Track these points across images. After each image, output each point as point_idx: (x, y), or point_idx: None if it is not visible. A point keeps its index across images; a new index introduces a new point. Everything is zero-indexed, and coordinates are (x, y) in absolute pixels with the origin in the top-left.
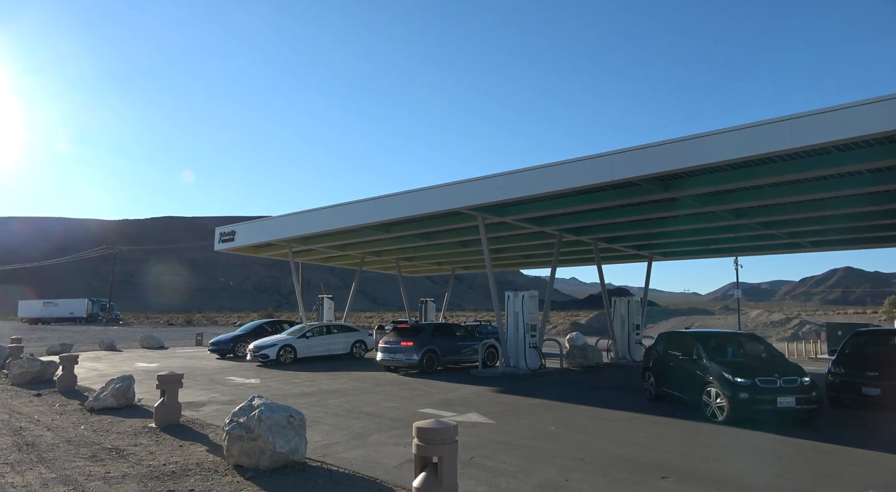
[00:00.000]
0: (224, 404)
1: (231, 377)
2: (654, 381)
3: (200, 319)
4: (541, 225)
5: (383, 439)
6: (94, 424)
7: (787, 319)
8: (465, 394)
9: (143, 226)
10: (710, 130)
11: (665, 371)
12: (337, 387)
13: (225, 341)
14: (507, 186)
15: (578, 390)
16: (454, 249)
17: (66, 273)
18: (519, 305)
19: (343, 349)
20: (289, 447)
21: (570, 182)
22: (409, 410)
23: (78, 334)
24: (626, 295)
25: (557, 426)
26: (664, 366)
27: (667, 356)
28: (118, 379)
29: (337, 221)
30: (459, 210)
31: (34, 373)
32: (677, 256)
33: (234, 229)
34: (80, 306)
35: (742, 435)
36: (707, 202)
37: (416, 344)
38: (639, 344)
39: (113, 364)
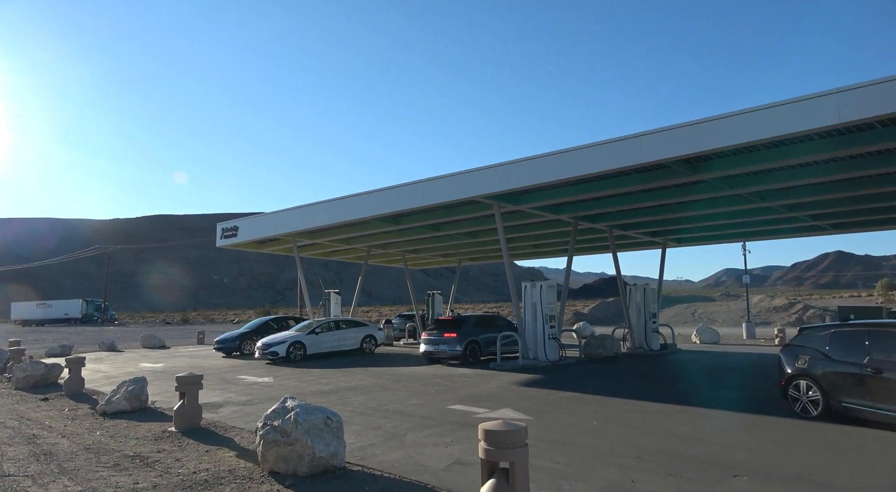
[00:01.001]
0: (242, 404)
1: (242, 376)
2: (824, 391)
3: (197, 318)
4: (556, 213)
5: (420, 438)
6: (109, 429)
7: (790, 304)
8: (489, 388)
9: (134, 225)
10: (742, 109)
11: (852, 380)
12: (355, 384)
13: (231, 339)
14: (528, 173)
15: (606, 381)
16: (463, 241)
17: (57, 274)
18: (537, 296)
19: (353, 345)
20: (328, 451)
21: (596, 166)
22: (438, 406)
23: (74, 336)
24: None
25: (599, 421)
26: (847, 374)
27: (850, 360)
28: (131, 381)
29: (345, 214)
30: (475, 199)
31: (38, 376)
32: (692, 242)
33: (237, 225)
34: (75, 307)
35: (807, 427)
36: (733, 185)
37: (459, 335)
38: (656, 332)
39: (117, 365)
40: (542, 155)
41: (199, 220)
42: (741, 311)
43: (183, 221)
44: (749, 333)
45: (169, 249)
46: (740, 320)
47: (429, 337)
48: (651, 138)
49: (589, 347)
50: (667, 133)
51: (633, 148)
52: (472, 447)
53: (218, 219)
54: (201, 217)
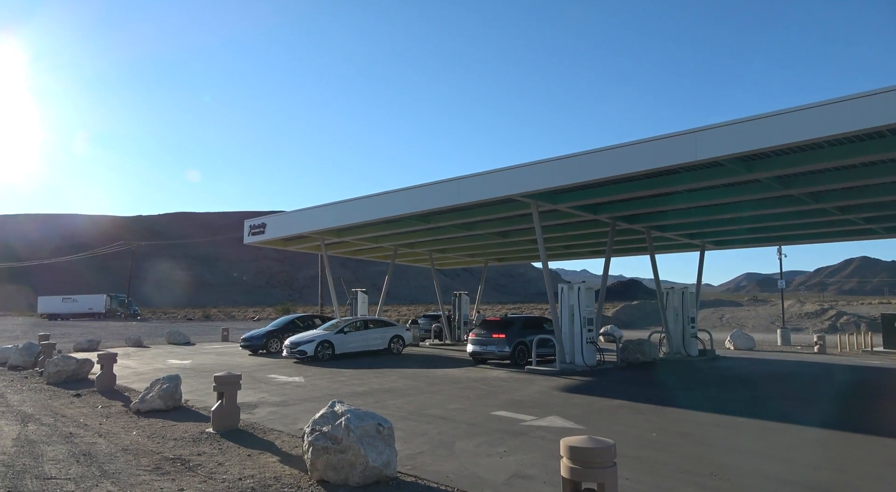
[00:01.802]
0: (277, 405)
1: (273, 375)
2: None
3: (218, 315)
4: (595, 213)
5: (470, 447)
6: (145, 428)
7: (822, 310)
8: (530, 393)
9: (154, 222)
10: (807, 104)
11: None
12: (389, 386)
13: (258, 337)
14: (571, 171)
15: (652, 389)
16: (493, 240)
17: (78, 269)
18: (574, 298)
19: (381, 345)
20: (381, 461)
21: (646, 163)
22: (481, 412)
23: (99, 330)
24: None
25: (658, 433)
26: None
27: None
28: (164, 379)
29: (376, 212)
30: (513, 197)
31: (70, 372)
32: (732, 245)
33: (265, 222)
34: (99, 302)
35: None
36: (788, 184)
37: (507, 337)
38: (694, 338)
39: (144, 361)
40: (587, 152)
41: (220, 217)
42: (770, 316)
43: (203, 218)
44: (784, 339)
45: (189, 246)
46: (770, 326)
47: (476, 337)
48: (706, 135)
49: (626, 351)
50: (724, 129)
51: (688, 145)
52: (528, 459)
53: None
54: (221, 215)
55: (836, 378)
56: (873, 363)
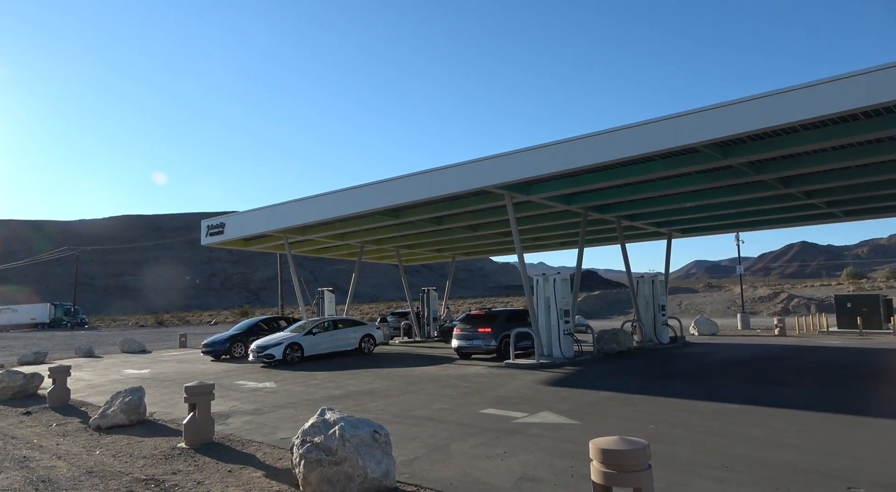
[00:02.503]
0: (251, 414)
1: (241, 382)
2: None
3: (171, 320)
4: (567, 203)
5: (466, 449)
6: (109, 447)
7: (774, 294)
8: (514, 389)
9: (100, 226)
10: (784, 88)
11: None
12: (367, 388)
13: (220, 342)
14: (548, 160)
15: (636, 379)
16: (462, 235)
17: (17, 278)
18: (550, 290)
19: (352, 345)
20: (380, 471)
21: (625, 151)
22: (469, 411)
23: (45, 341)
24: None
25: (656, 424)
26: None
27: None
28: (126, 391)
29: (343, 208)
30: (487, 189)
31: (17, 387)
32: (697, 232)
33: (224, 221)
34: (43, 311)
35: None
36: (760, 170)
37: (493, 330)
38: (665, 325)
39: (98, 373)
40: (564, 141)
41: (171, 219)
42: (725, 301)
43: (154, 221)
44: (744, 323)
45: (139, 251)
46: (727, 311)
47: (462, 332)
48: (686, 120)
49: (601, 342)
50: (703, 115)
51: (668, 131)
52: (531, 459)
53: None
54: (172, 217)
55: (809, 359)
56: (834, 343)
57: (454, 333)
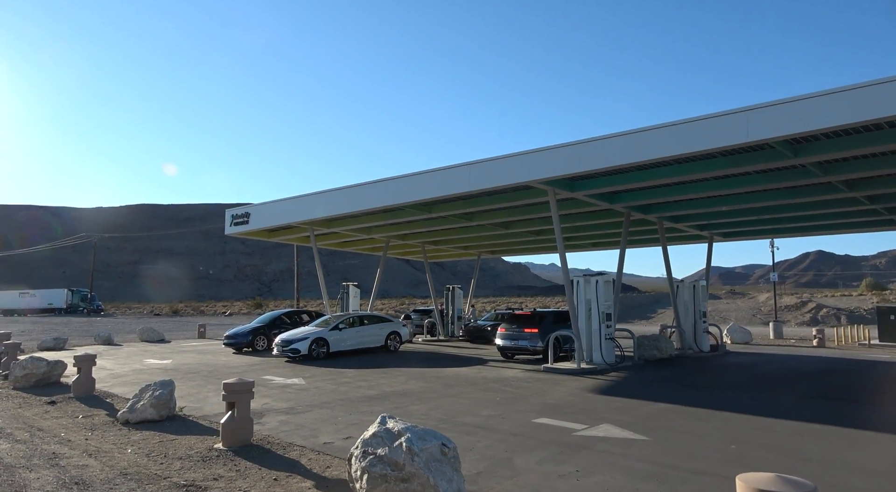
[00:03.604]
0: (286, 413)
1: (269, 377)
2: None
3: (186, 310)
4: (610, 202)
5: (532, 465)
6: (141, 444)
7: (802, 303)
8: (561, 396)
9: (119, 214)
10: (876, 79)
11: None
12: (401, 388)
13: (243, 334)
14: (599, 154)
15: (689, 389)
16: (492, 232)
17: (37, 263)
18: (592, 292)
19: (377, 342)
20: (452, 490)
21: (688, 146)
22: (520, 420)
23: (62, 327)
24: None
25: (738, 445)
26: None
27: None
28: (156, 385)
29: (373, 200)
30: (530, 184)
31: (40, 375)
32: (740, 236)
33: (249, 211)
34: (60, 297)
35: None
36: (828, 171)
37: (541, 331)
38: (706, 333)
39: (120, 362)
40: (618, 134)
41: (186, 210)
42: (750, 309)
43: (169, 210)
44: (776, 332)
45: (153, 239)
46: (753, 319)
47: (507, 332)
48: (758, 114)
49: (642, 348)
50: (778, 108)
51: (739, 125)
52: (610, 482)
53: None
54: (187, 207)
55: (869, 374)
56: (884, 357)
57: (498, 332)
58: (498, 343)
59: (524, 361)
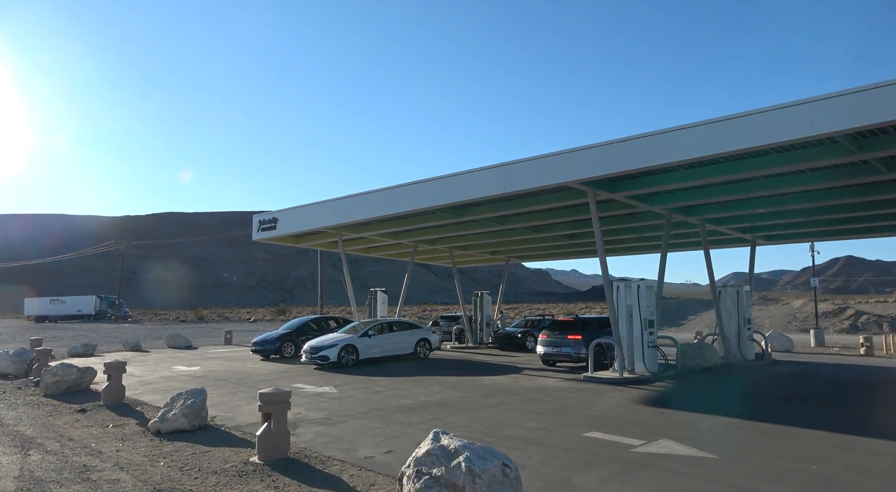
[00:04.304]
0: (320, 423)
1: (299, 385)
2: None
3: (210, 316)
4: (651, 203)
5: (594, 485)
6: (173, 457)
7: (840, 310)
8: (609, 408)
9: (143, 222)
10: None
11: None
12: (437, 398)
13: (271, 341)
14: (645, 152)
15: (747, 402)
16: (523, 236)
17: (66, 271)
18: (633, 298)
19: (407, 349)
20: None
21: (751, 140)
22: (570, 434)
23: (91, 333)
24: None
25: (818, 465)
26: None
27: None
28: (189, 393)
29: (404, 204)
30: (569, 184)
31: (70, 382)
32: (785, 240)
33: (276, 217)
34: (88, 304)
35: None
36: (892, 168)
37: (584, 338)
38: (751, 340)
39: (148, 368)
40: (665, 131)
41: (208, 217)
42: (784, 316)
43: (191, 218)
44: (818, 340)
45: (178, 247)
46: (788, 326)
47: (549, 339)
48: (822, 106)
49: (686, 356)
50: (846, 98)
51: (801, 118)
52: None
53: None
54: (209, 215)
55: None
56: None
57: (539, 338)
58: (539, 350)
59: (563, 369)
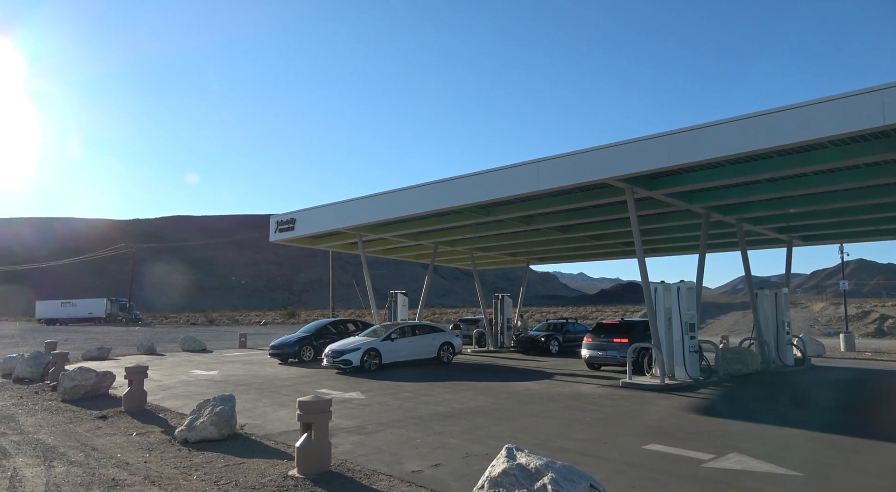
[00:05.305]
0: (355, 433)
1: (323, 390)
2: None
3: (220, 319)
4: (689, 202)
5: None
6: (205, 469)
7: (864, 313)
8: (660, 417)
9: (152, 225)
10: None
11: None
12: (472, 405)
13: (289, 344)
14: (693, 146)
15: (810, 411)
16: (547, 237)
17: (75, 273)
18: (672, 300)
19: (430, 353)
20: None
21: (815, 132)
22: (627, 446)
23: (102, 336)
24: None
25: None
26: None
27: None
28: (217, 400)
29: (430, 202)
30: (607, 181)
31: (88, 386)
32: (826, 240)
33: (294, 217)
34: (99, 306)
35: None
36: None
37: (630, 341)
38: (790, 345)
39: (166, 372)
40: (717, 123)
41: (216, 221)
42: (806, 319)
43: (200, 221)
44: (848, 345)
45: (187, 250)
46: (810, 330)
47: (593, 342)
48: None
49: (726, 362)
50: None
51: (871, 107)
52: None
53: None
54: (218, 218)
55: None
56: None
57: (584, 342)
58: (584, 354)
59: (599, 375)
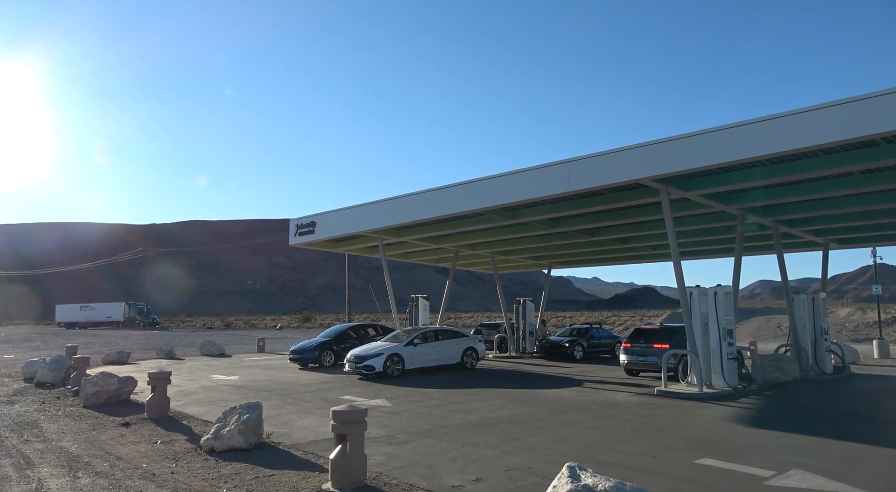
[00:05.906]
0: (387, 443)
1: (348, 397)
2: None
3: (236, 323)
4: (725, 203)
5: None
6: (235, 481)
7: (894, 319)
8: (705, 428)
9: (169, 230)
10: None
11: None
12: (503, 413)
13: (310, 349)
14: (736, 144)
15: (866, 424)
16: (572, 240)
17: (92, 278)
18: (709, 306)
19: (453, 359)
20: None
21: (871, 127)
22: (677, 460)
23: (121, 340)
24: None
25: None
26: None
27: None
28: (243, 408)
29: (455, 204)
30: (642, 181)
31: (111, 392)
32: (863, 243)
33: (314, 220)
34: (118, 310)
35: None
36: None
37: (672, 347)
38: (828, 352)
39: (186, 377)
40: (758, 120)
41: (231, 225)
42: (833, 325)
43: (215, 226)
44: (882, 351)
45: (202, 254)
46: (837, 335)
47: (633, 348)
48: None
49: (764, 369)
50: None
51: None
52: None
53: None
54: (233, 222)
55: None
56: None
57: (622, 348)
58: (623, 359)
59: (632, 382)
